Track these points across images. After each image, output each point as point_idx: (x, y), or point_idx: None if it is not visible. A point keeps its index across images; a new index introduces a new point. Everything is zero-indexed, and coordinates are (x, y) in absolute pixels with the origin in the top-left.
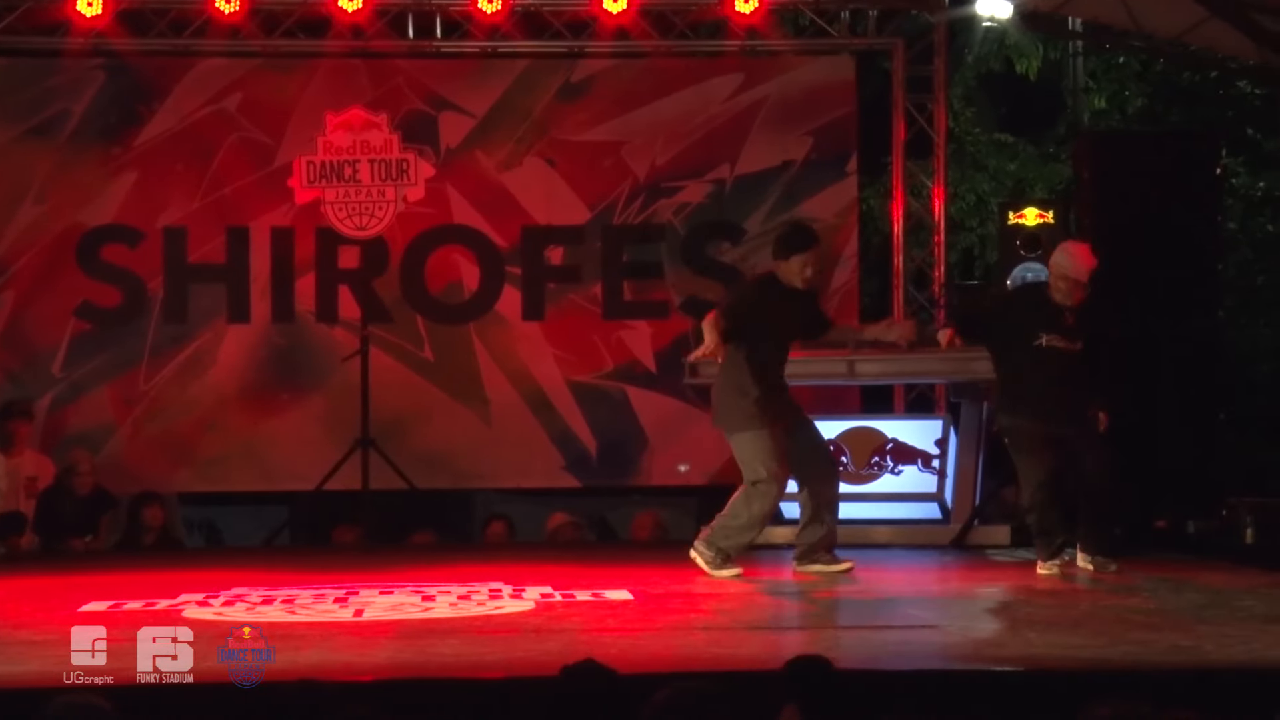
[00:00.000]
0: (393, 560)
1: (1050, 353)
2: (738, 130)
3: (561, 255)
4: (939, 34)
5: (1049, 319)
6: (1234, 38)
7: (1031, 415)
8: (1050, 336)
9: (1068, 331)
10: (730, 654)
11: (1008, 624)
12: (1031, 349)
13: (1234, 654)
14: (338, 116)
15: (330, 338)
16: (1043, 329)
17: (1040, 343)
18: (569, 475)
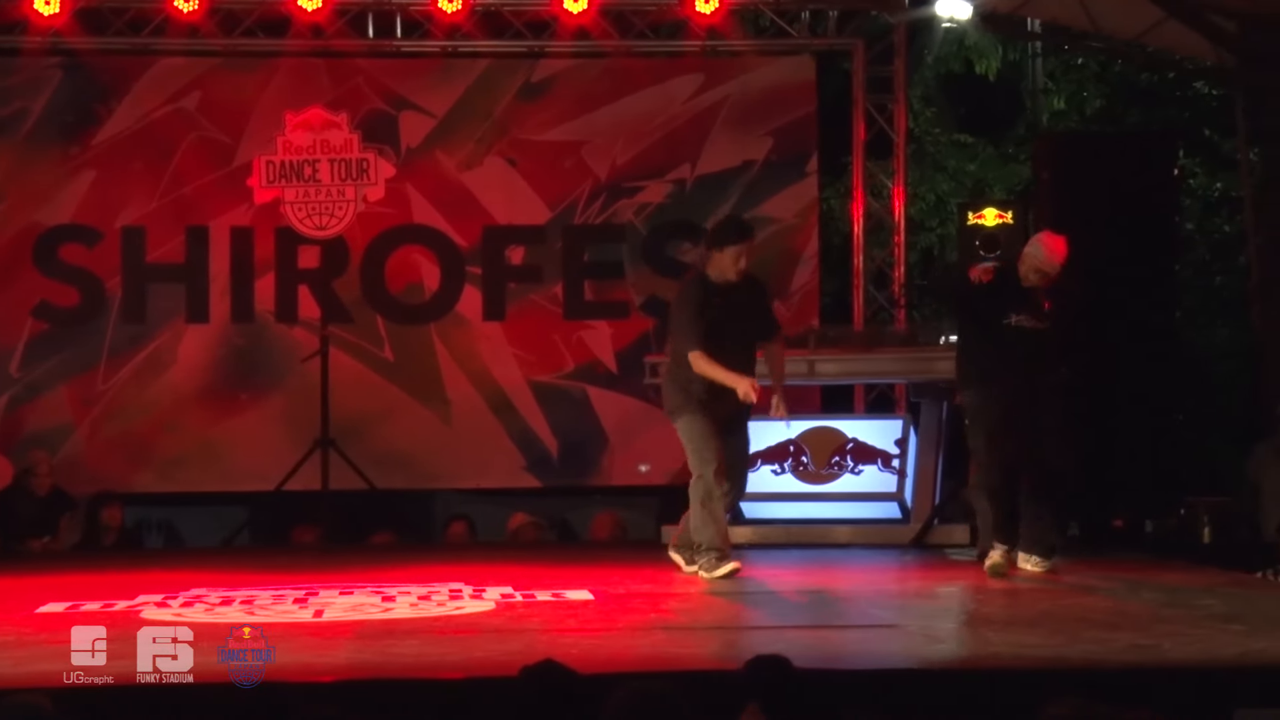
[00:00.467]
0: (353, 561)
1: (1018, 332)
2: (698, 130)
3: (522, 255)
4: (899, 35)
5: (1019, 299)
6: (1191, 39)
7: (999, 393)
8: (1019, 316)
9: (1037, 311)
10: (690, 654)
11: (967, 623)
12: (1000, 326)
13: (1192, 653)
14: (297, 116)
15: (290, 338)
16: (1012, 309)
17: (1009, 321)
18: (530, 475)
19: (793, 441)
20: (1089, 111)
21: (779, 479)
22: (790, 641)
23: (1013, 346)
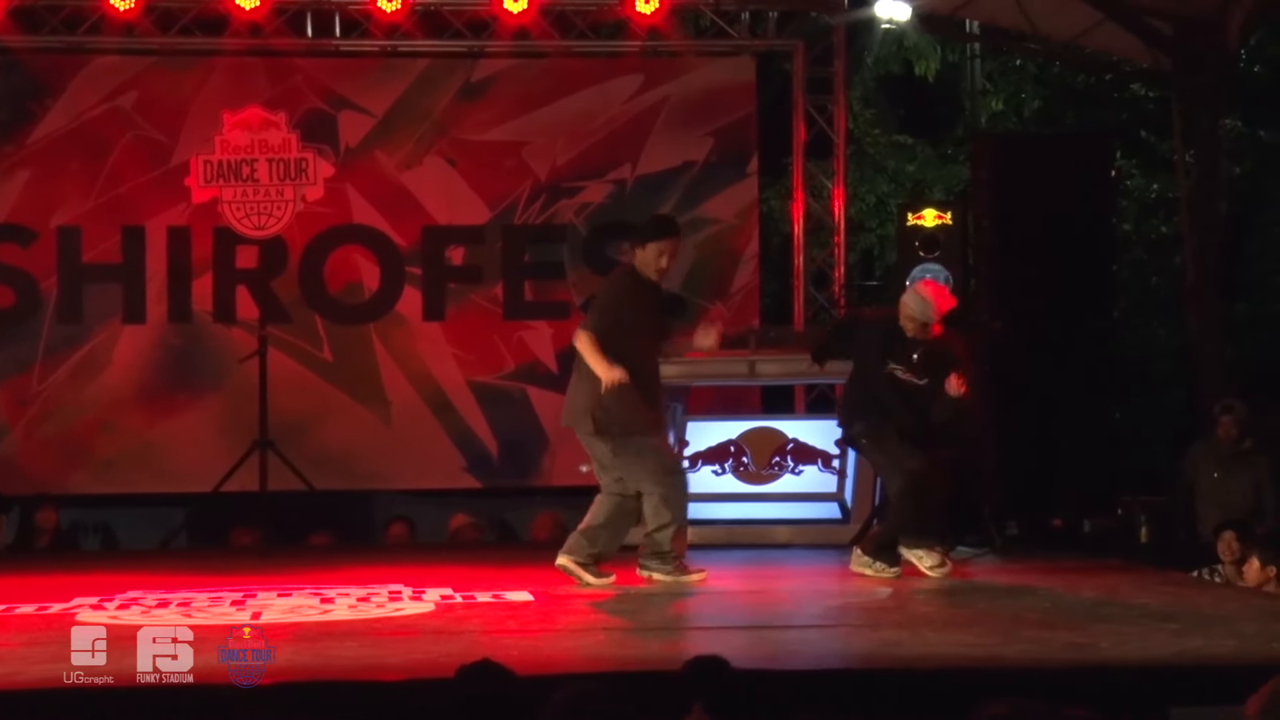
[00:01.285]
0: (291, 562)
1: (892, 380)
2: (639, 130)
3: (462, 255)
4: (838, 36)
5: (897, 350)
6: (1128, 41)
7: (886, 415)
8: (896, 367)
9: (913, 366)
10: (631, 655)
11: (906, 623)
12: (881, 373)
13: (1128, 652)
14: (235, 115)
15: (228, 338)
16: (891, 358)
17: (887, 370)
18: (470, 476)
19: (733, 442)
20: (1027, 113)
21: (719, 479)
22: (731, 642)
23: (891, 394)
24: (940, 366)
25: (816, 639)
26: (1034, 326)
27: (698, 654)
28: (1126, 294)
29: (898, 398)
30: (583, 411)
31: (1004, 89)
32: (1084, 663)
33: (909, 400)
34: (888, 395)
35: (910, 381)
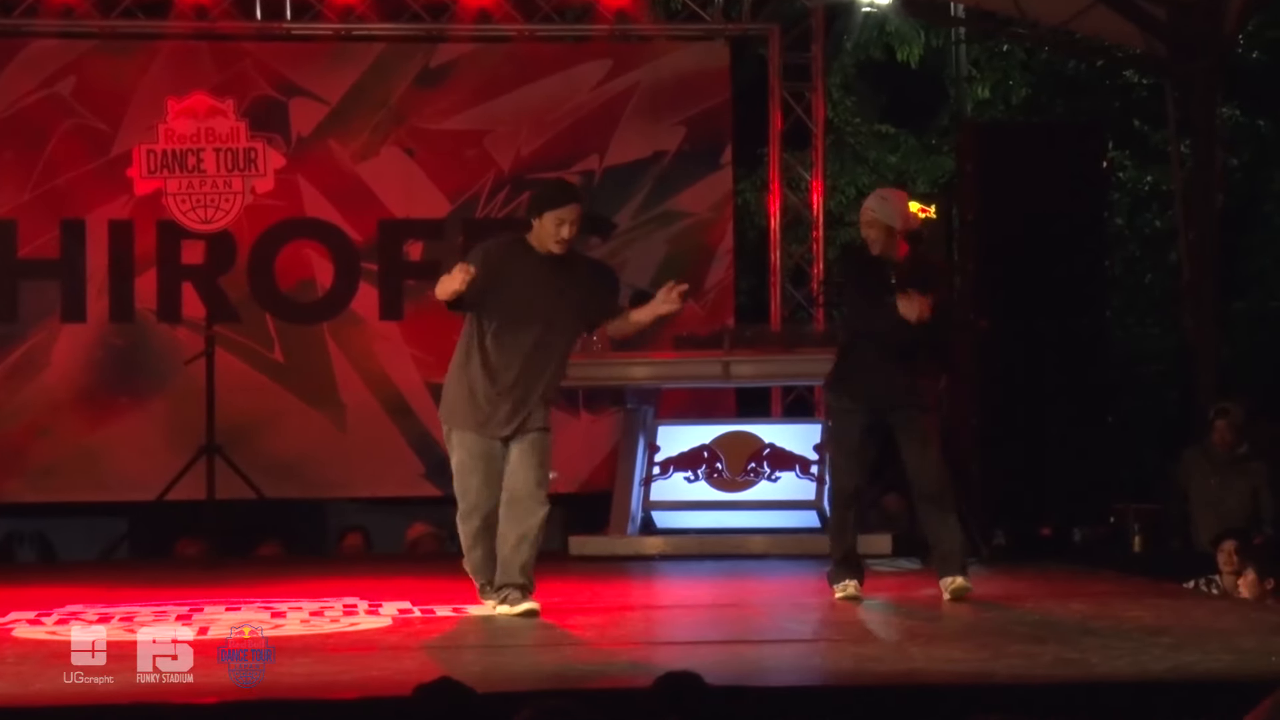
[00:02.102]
0: (240, 574)
1: (890, 317)
2: (607, 119)
3: (421, 250)
4: (816, 19)
5: (872, 280)
6: (1120, 26)
7: (852, 396)
8: (891, 298)
9: (892, 290)
10: (598, 670)
11: (888, 637)
12: (871, 315)
13: (1120, 667)
14: (180, 102)
15: (173, 338)
16: (884, 290)
17: (883, 308)
18: (429, 483)
19: (706, 447)
20: (1015, 101)
21: (692, 486)
22: (704, 657)
23: (878, 337)
24: (921, 284)
25: (795, 654)
26: (1022, 326)
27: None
28: (1119, 292)
29: (882, 348)
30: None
31: (991, 76)
32: (1074, 679)
33: (898, 344)
34: (863, 362)
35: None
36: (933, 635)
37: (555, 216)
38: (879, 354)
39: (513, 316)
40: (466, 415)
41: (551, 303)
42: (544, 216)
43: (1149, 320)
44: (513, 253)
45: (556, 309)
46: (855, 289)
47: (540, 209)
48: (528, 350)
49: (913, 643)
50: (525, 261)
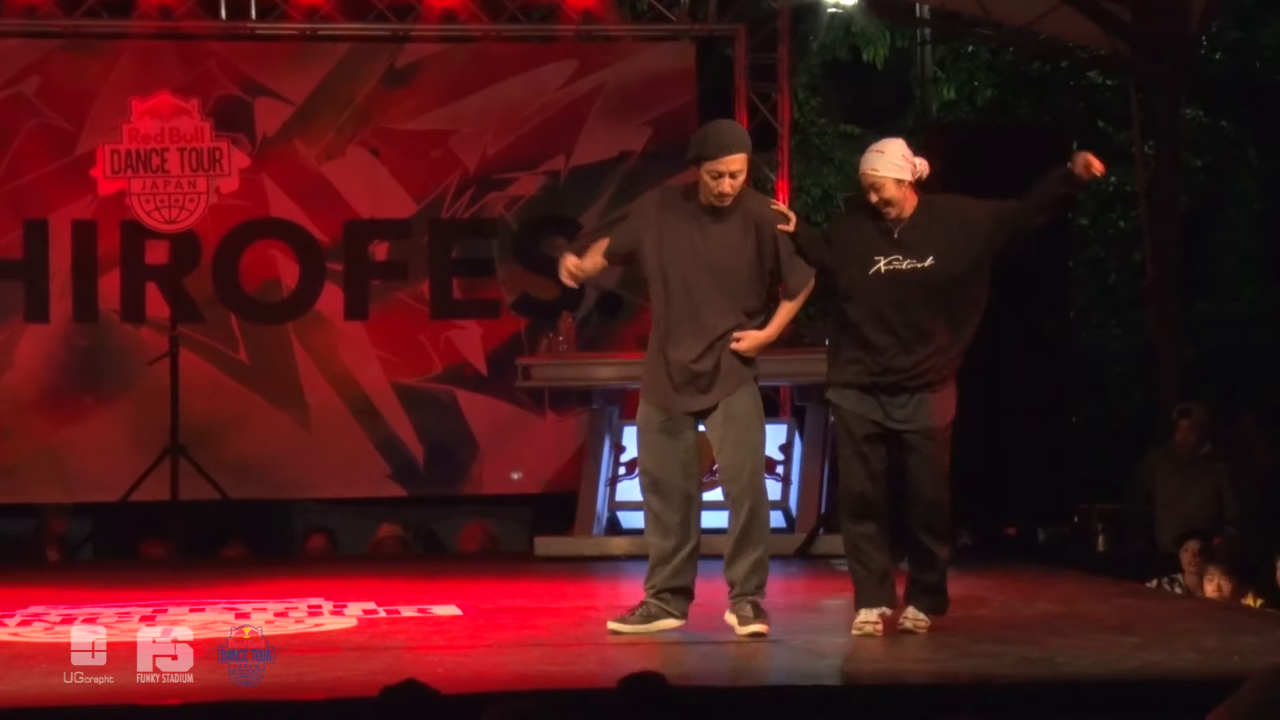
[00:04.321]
0: (204, 575)
1: (891, 279)
2: (573, 120)
3: (386, 251)
4: (783, 20)
5: (873, 238)
6: (1084, 26)
7: (857, 390)
8: (889, 258)
9: (909, 247)
10: (563, 671)
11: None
12: (867, 280)
13: (1086, 667)
14: (144, 102)
15: (137, 338)
16: (877, 250)
17: (878, 269)
18: (394, 484)
19: None
20: (979, 101)
21: None
22: (669, 658)
23: (882, 306)
24: (945, 226)
25: (759, 655)
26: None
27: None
28: (1083, 292)
29: (890, 315)
30: None
31: (956, 77)
32: (1040, 678)
33: (913, 306)
34: (864, 328)
35: (914, 271)
36: (898, 635)
37: (712, 168)
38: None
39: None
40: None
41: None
42: (701, 166)
43: (1113, 320)
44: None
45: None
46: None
47: (695, 158)
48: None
49: (877, 643)
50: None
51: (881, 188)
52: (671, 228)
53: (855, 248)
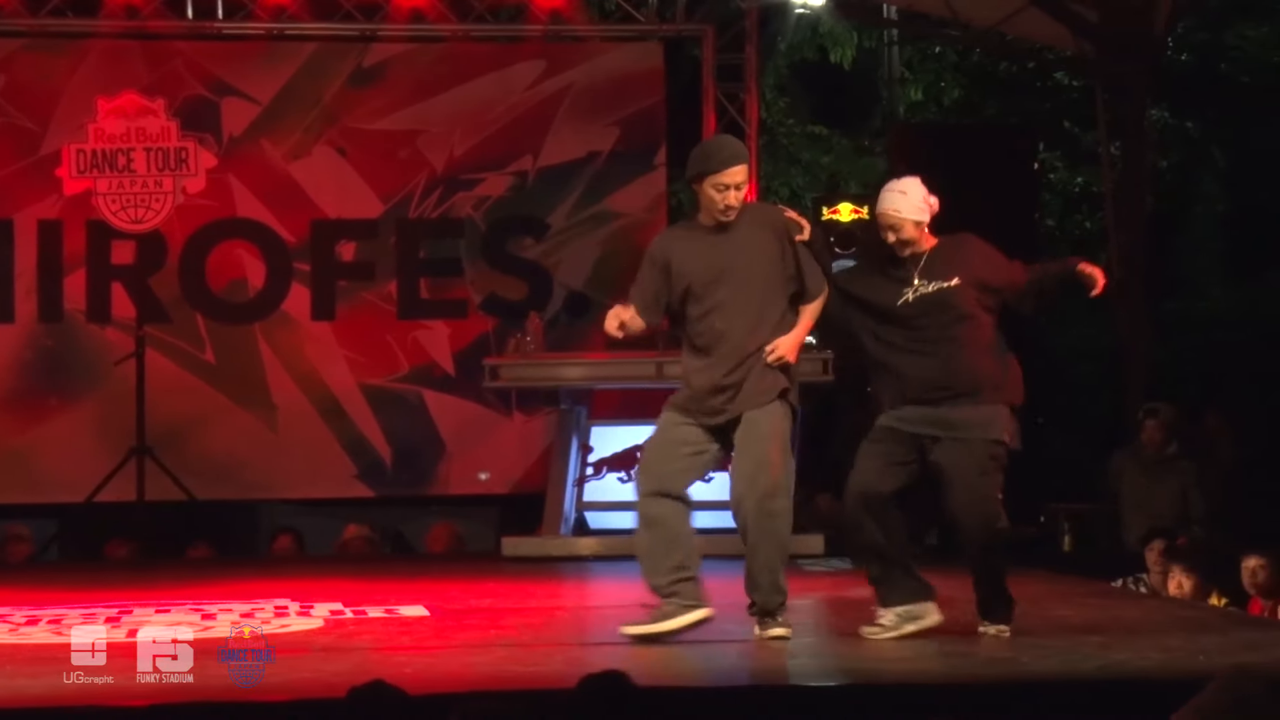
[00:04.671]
0: (170, 576)
1: (919, 307)
2: (541, 120)
3: (354, 251)
4: (750, 20)
5: (891, 273)
6: (1051, 28)
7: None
8: (913, 288)
9: (931, 273)
10: (531, 672)
11: (820, 638)
12: (895, 315)
13: (1051, 666)
14: (110, 101)
15: (102, 339)
16: (903, 283)
17: (906, 299)
18: (362, 485)
19: (640, 448)
20: (947, 102)
21: (625, 487)
22: (636, 658)
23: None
24: (958, 260)
25: (726, 655)
26: None
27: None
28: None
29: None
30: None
31: (923, 77)
32: (1006, 678)
33: (939, 334)
34: (880, 371)
35: (938, 295)
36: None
37: (714, 182)
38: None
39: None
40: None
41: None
42: (702, 183)
43: (1080, 321)
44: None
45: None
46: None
47: (696, 174)
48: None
49: (844, 643)
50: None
51: (901, 228)
52: (687, 254)
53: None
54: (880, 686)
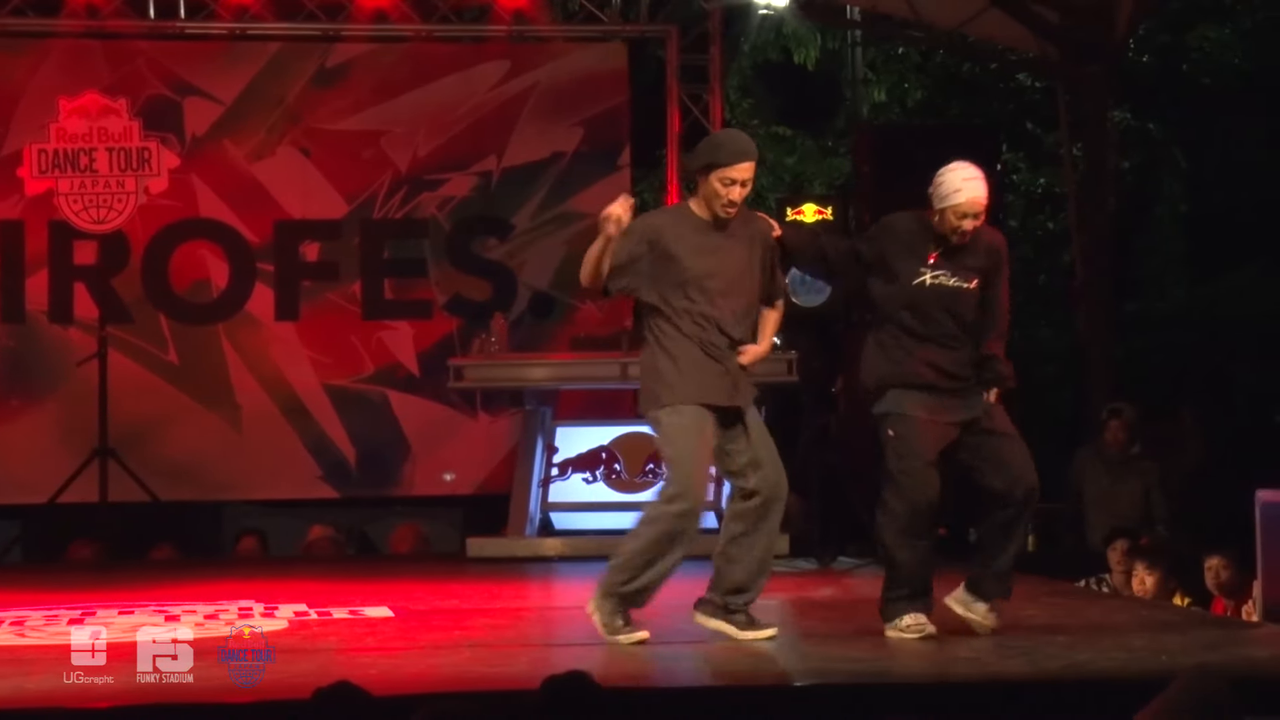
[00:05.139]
0: (134, 578)
1: (935, 293)
2: (505, 120)
3: (318, 251)
4: (714, 21)
5: (932, 247)
6: (1013, 29)
7: (916, 400)
8: (936, 271)
9: (956, 264)
10: (496, 672)
11: (783, 638)
12: (910, 290)
13: (1014, 666)
14: (72, 101)
15: (65, 339)
16: (922, 263)
17: (923, 280)
18: (326, 485)
19: (605, 448)
20: (910, 103)
21: (590, 488)
22: (599, 658)
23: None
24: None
25: (689, 655)
26: None
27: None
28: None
29: (938, 328)
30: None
31: (887, 78)
32: (969, 677)
33: (957, 324)
34: (909, 344)
35: (959, 289)
36: (829, 635)
37: (720, 176)
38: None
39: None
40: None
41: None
42: (709, 176)
43: (1042, 321)
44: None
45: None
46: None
47: (702, 166)
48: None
49: (808, 643)
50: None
51: (980, 216)
52: (683, 243)
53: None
54: (843, 687)
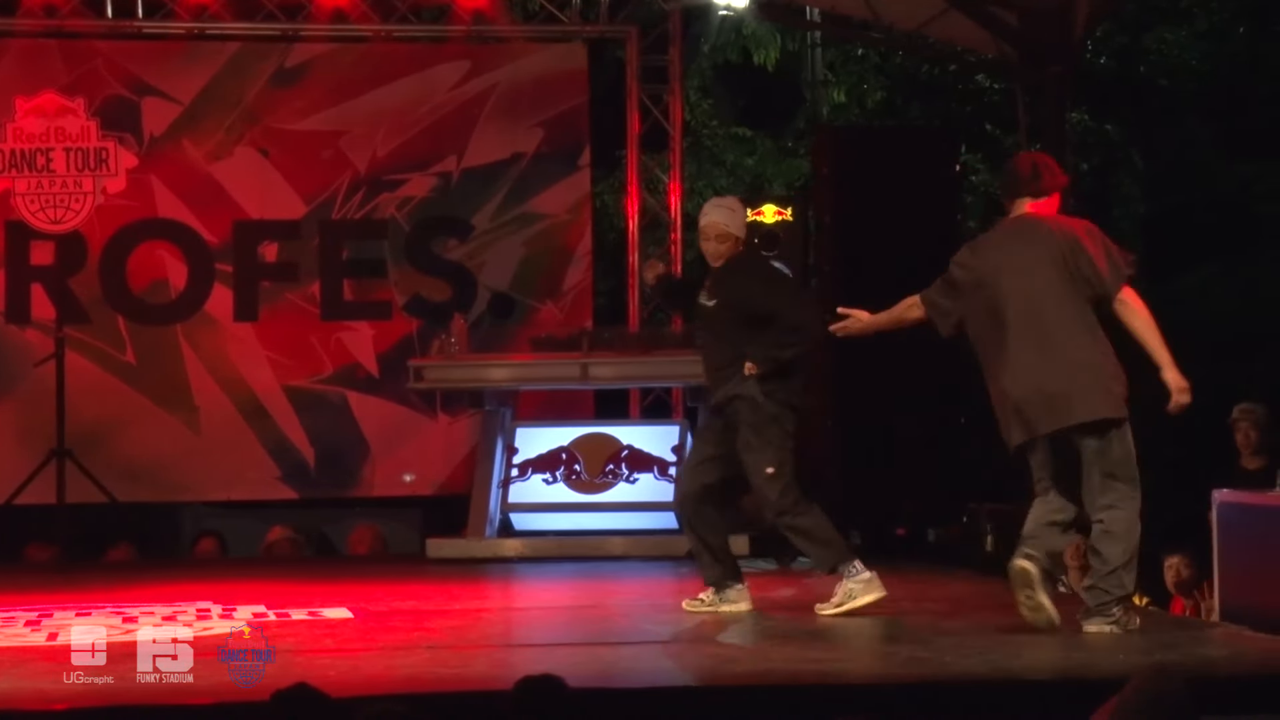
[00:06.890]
0: (91, 579)
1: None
2: (465, 121)
3: (276, 252)
4: (674, 22)
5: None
6: (973, 31)
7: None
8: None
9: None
10: (456, 674)
11: (745, 638)
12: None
13: (973, 666)
14: (29, 101)
15: (22, 340)
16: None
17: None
18: (285, 486)
19: (565, 449)
20: (870, 104)
21: (550, 488)
22: (561, 660)
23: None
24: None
25: (653, 656)
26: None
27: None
28: None
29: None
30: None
31: (846, 80)
32: (928, 678)
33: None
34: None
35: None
36: (789, 635)
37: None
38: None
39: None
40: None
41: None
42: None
43: None
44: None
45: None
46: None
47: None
48: None
49: (769, 643)
50: None
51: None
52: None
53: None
54: (804, 687)
